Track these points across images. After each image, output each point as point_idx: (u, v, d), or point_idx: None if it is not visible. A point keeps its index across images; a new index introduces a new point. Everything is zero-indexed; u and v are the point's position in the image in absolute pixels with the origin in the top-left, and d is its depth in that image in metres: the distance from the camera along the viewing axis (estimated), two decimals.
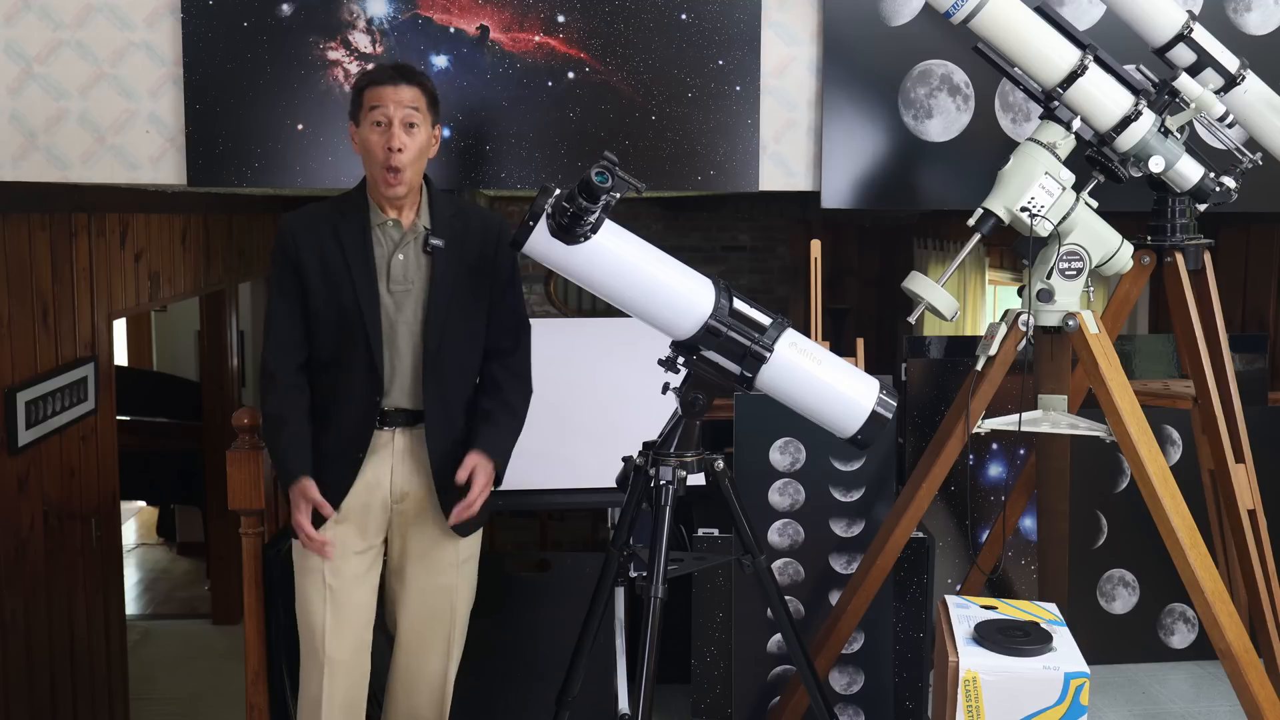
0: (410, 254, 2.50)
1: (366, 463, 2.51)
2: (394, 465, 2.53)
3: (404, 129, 2.43)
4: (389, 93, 2.43)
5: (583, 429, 3.10)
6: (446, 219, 2.54)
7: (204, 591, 7.31)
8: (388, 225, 2.50)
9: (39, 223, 4.19)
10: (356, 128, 2.49)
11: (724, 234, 9.07)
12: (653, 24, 3.28)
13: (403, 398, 2.52)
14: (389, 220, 2.50)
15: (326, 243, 2.48)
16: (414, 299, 2.50)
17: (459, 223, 2.54)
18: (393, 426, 2.52)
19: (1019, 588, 3.67)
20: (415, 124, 2.45)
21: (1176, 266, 2.96)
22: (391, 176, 2.43)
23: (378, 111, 2.43)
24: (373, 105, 2.43)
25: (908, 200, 3.48)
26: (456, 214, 2.56)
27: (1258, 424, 3.38)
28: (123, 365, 8.44)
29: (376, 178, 2.46)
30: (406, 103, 2.44)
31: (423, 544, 2.58)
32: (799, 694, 2.98)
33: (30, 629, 4.20)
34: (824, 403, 2.37)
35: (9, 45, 3.17)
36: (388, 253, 2.49)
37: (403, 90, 2.44)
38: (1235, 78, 2.96)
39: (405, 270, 2.50)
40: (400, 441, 2.53)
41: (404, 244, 2.50)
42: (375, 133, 2.43)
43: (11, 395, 4.01)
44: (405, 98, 2.44)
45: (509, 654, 3.16)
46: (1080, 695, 2.13)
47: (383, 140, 2.43)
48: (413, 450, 2.54)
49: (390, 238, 2.50)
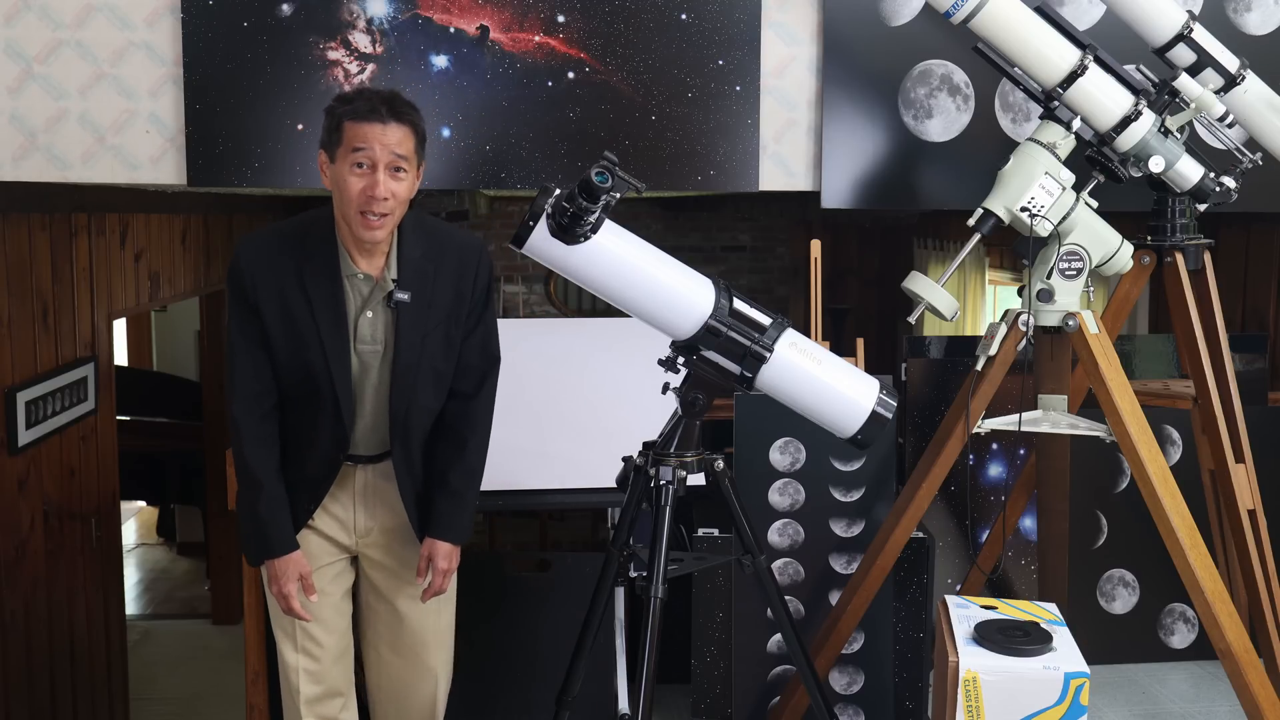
0: (378, 310, 2.32)
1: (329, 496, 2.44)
2: (356, 502, 2.47)
3: (390, 174, 2.20)
4: (376, 133, 2.18)
5: (583, 429, 3.10)
6: (416, 262, 2.32)
7: (204, 591, 7.31)
8: (358, 279, 2.30)
9: (39, 223, 4.19)
10: (330, 161, 2.23)
11: (724, 234, 9.07)
12: (653, 24, 3.28)
13: (365, 447, 2.43)
14: (359, 274, 2.29)
15: (290, 291, 2.25)
16: (380, 359, 2.35)
17: (429, 265, 2.34)
18: (354, 464, 2.43)
19: (1019, 588, 3.68)
20: (403, 169, 2.22)
21: (1176, 266, 2.96)
22: (373, 219, 2.21)
23: (361, 154, 2.18)
24: (356, 146, 2.18)
25: (908, 200, 3.47)
26: (426, 253, 2.34)
27: (1258, 424, 3.38)
28: (123, 365, 8.44)
29: (350, 219, 2.21)
30: (394, 146, 2.19)
31: (394, 572, 2.52)
32: (799, 694, 2.98)
33: (30, 629, 4.20)
34: (824, 403, 2.37)
35: (9, 45, 3.17)
36: (356, 310, 2.31)
37: (391, 131, 2.19)
38: (1235, 78, 2.96)
39: (374, 330, 2.32)
40: (360, 478, 2.45)
41: (372, 300, 2.31)
42: (355, 175, 2.19)
43: (11, 395, 4.01)
44: (393, 140, 2.19)
45: (509, 654, 3.16)
46: (1080, 695, 2.13)
47: (363, 185, 2.19)
48: (375, 486, 2.47)
49: (359, 292, 2.31)
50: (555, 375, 3.13)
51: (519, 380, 3.12)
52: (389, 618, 2.55)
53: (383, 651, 2.57)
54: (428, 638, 2.56)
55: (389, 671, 2.58)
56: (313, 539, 2.46)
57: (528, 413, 3.09)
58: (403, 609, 2.54)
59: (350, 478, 2.45)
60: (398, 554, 2.52)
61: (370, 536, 2.50)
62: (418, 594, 2.51)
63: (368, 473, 2.46)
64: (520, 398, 3.04)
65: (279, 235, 2.34)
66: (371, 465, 2.46)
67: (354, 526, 2.48)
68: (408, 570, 2.52)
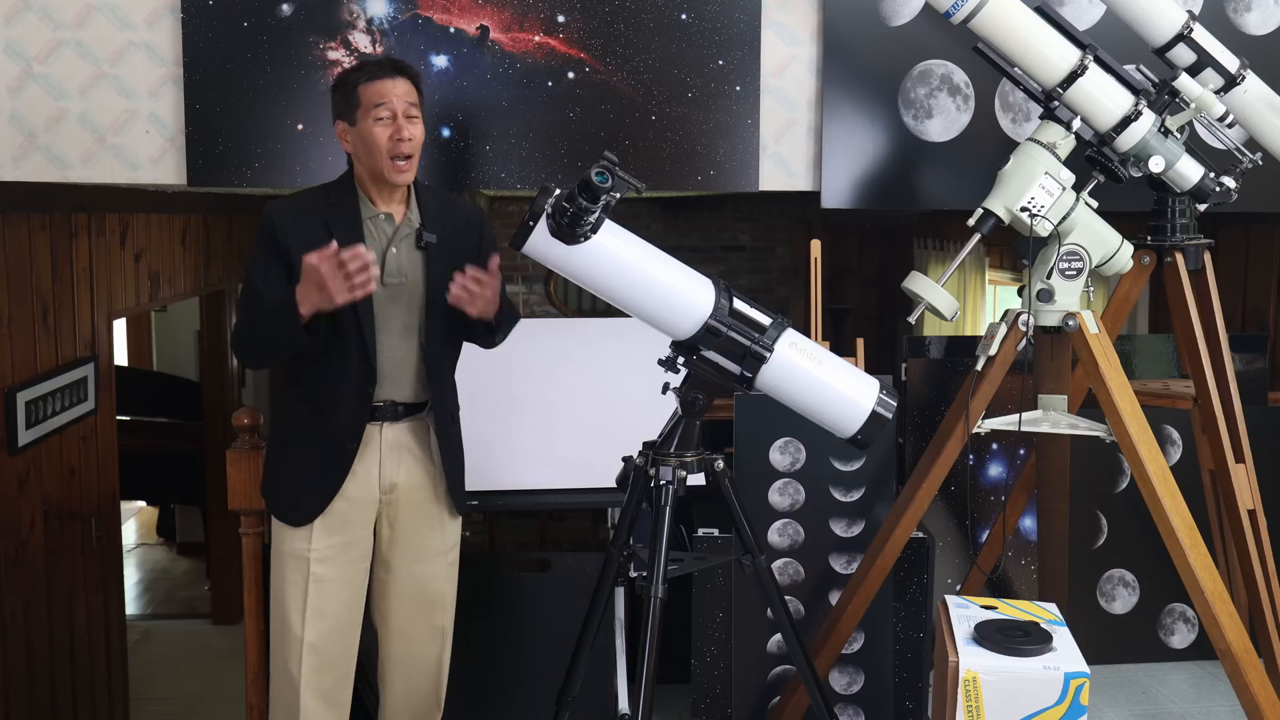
0: (404, 249, 2.52)
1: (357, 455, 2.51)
2: (382, 458, 2.54)
3: (408, 120, 2.46)
4: (389, 87, 2.45)
5: (583, 429, 3.10)
6: (434, 213, 2.56)
7: (204, 591, 7.31)
8: (380, 219, 2.51)
9: (39, 223, 4.19)
10: (351, 125, 2.48)
11: (724, 234, 9.07)
12: (653, 24, 3.28)
13: (394, 390, 2.53)
14: (381, 214, 2.51)
15: (316, 234, 2.44)
16: (407, 294, 2.51)
17: (445, 216, 2.57)
18: (380, 420, 2.53)
19: (1019, 588, 3.68)
20: (415, 116, 2.48)
21: (1176, 266, 2.96)
22: (403, 163, 2.45)
23: (383, 107, 2.43)
24: (377, 101, 2.44)
25: (908, 200, 3.48)
26: (441, 207, 2.59)
27: (1258, 424, 3.38)
28: (123, 365, 8.44)
29: (381, 167, 2.45)
30: (405, 95, 2.46)
31: (411, 533, 2.59)
32: (799, 694, 2.98)
33: (30, 629, 4.20)
34: (824, 403, 2.37)
35: (9, 45, 3.17)
36: (382, 246, 2.50)
37: (400, 83, 2.47)
38: (1235, 78, 2.96)
39: (399, 264, 2.51)
40: (389, 435, 2.55)
41: (398, 238, 2.51)
42: (380, 126, 2.44)
43: (11, 395, 4.01)
44: (403, 90, 2.47)
45: (509, 654, 3.16)
46: (1080, 695, 2.13)
47: (390, 132, 2.44)
48: (401, 442, 2.56)
49: (384, 231, 2.51)
50: (555, 375, 3.13)
51: (519, 380, 3.12)
52: (405, 582, 2.61)
53: (395, 617, 2.63)
54: (439, 600, 2.64)
55: (402, 636, 2.64)
56: (339, 507, 2.51)
57: (528, 413, 3.10)
58: (419, 571, 2.61)
59: (375, 435, 2.53)
60: (420, 510, 2.59)
61: (394, 493, 2.56)
62: (435, 556, 2.61)
63: (395, 429, 2.55)
64: (520, 398, 3.05)
65: (306, 193, 2.59)
66: (398, 423, 2.55)
67: (379, 481, 2.54)
68: (426, 532, 2.60)
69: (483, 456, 3.03)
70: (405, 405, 2.55)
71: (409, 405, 2.56)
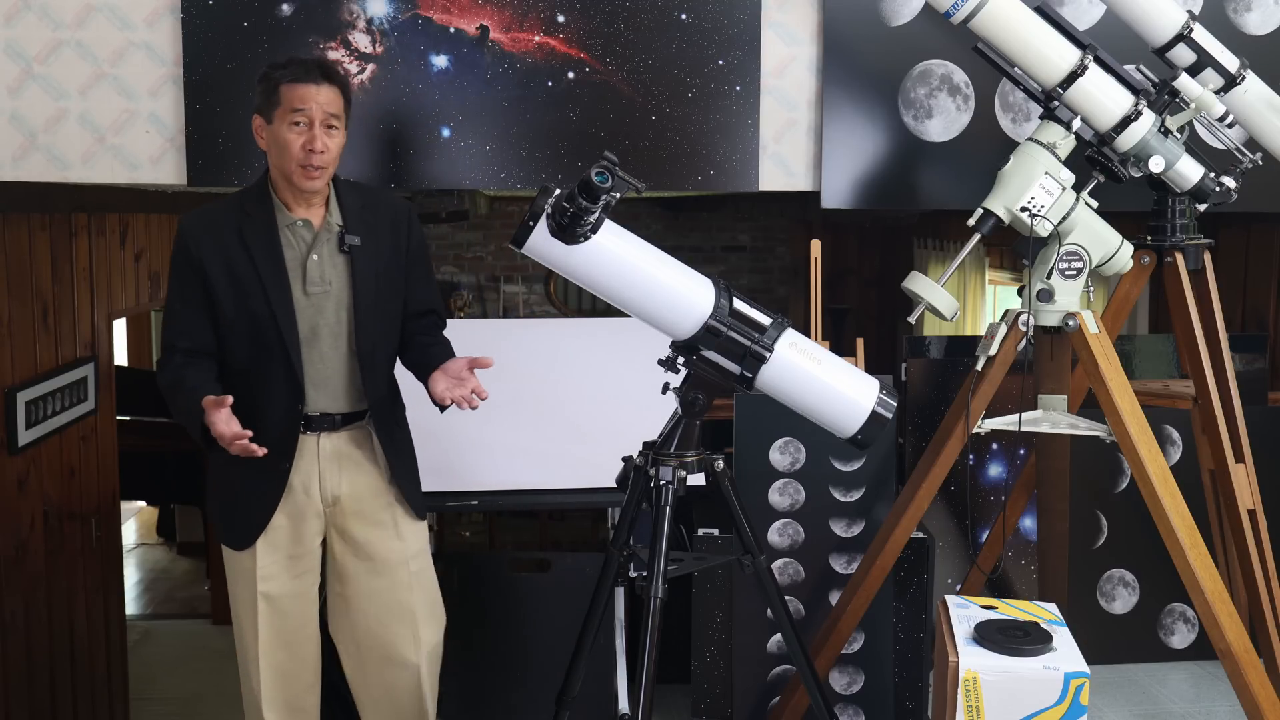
0: (325, 254, 2.43)
1: (293, 470, 2.45)
2: (321, 469, 2.47)
3: (324, 130, 2.37)
4: (311, 92, 2.36)
5: (583, 429, 3.10)
6: (357, 213, 2.47)
7: (204, 591, 7.30)
8: (297, 225, 2.43)
9: (39, 223, 4.19)
10: (267, 123, 2.39)
11: (724, 234, 9.07)
12: (653, 24, 3.28)
13: (328, 402, 2.46)
14: (298, 220, 2.43)
15: (231, 246, 2.39)
16: (334, 300, 2.44)
17: (369, 215, 2.49)
18: (317, 430, 2.46)
19: (1019, 588, 3.68)
20: (334, 126, 2.40)
21: (1176, 266, 2.96)
22: (312, 171, 2.36)
23: (299, 113, 2.35)
24: (295, 106, 2.35)
25: (908, 200, 3.47)
26: (365, 206, 2.50)
27: (1258, 424, 3.38)
28: (123, 365, 8.44)
29: (290, 172, 2.37)
30: (326, 105, 2.37)
31: (363, 545, 2.51)
32: (799, 694, 2.98)
33: (30, 629, 4.20)
34: (824, 403, 2.37)
35: (9, 45, 3.17)
36: (301, 254, 2.42)
37: (324, 90, 2.37)
38: (1235, 78, 2.96)
39: (322, 271, 2.43)
40: (326, 445, 2.47)
41: (318, 244, 2.43)
42: (294, 132, 2.35)
43: (11, 395, 4.01)
44: (325, 99, 2.37)
45: (509, 654, 3.16)
46: (1080, 695, 2.13)
47: (302, 140, 2.35)
48: (340, 452, 2.49)
49: (302, 238, 2.43)
50: (555, 375, 3.13)
51: (519, 380, 3.12)
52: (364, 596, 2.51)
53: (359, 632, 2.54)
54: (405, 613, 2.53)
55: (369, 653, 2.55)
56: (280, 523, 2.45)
57: (528, 413, 3.10)
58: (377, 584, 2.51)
59: (313, 447, 2.46)
60: (369, 520, 2.51)
61: (338, 505, 2.49)
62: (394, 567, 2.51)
63: (334, 439, 2.47)
64: (520, 398, 3.05)
65: (220, 203, 2.50)
66: (337, 433, 2.47)
67: (321, 494, 2.47)
68: (379, 542, 2.51)
69: (483, 456, 3.03)
70: (343, 415, 2.48)
71: (347, 415, 2.48)
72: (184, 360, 2.41)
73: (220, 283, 2.39)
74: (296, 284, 2.41)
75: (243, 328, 2.40)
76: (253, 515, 2.44)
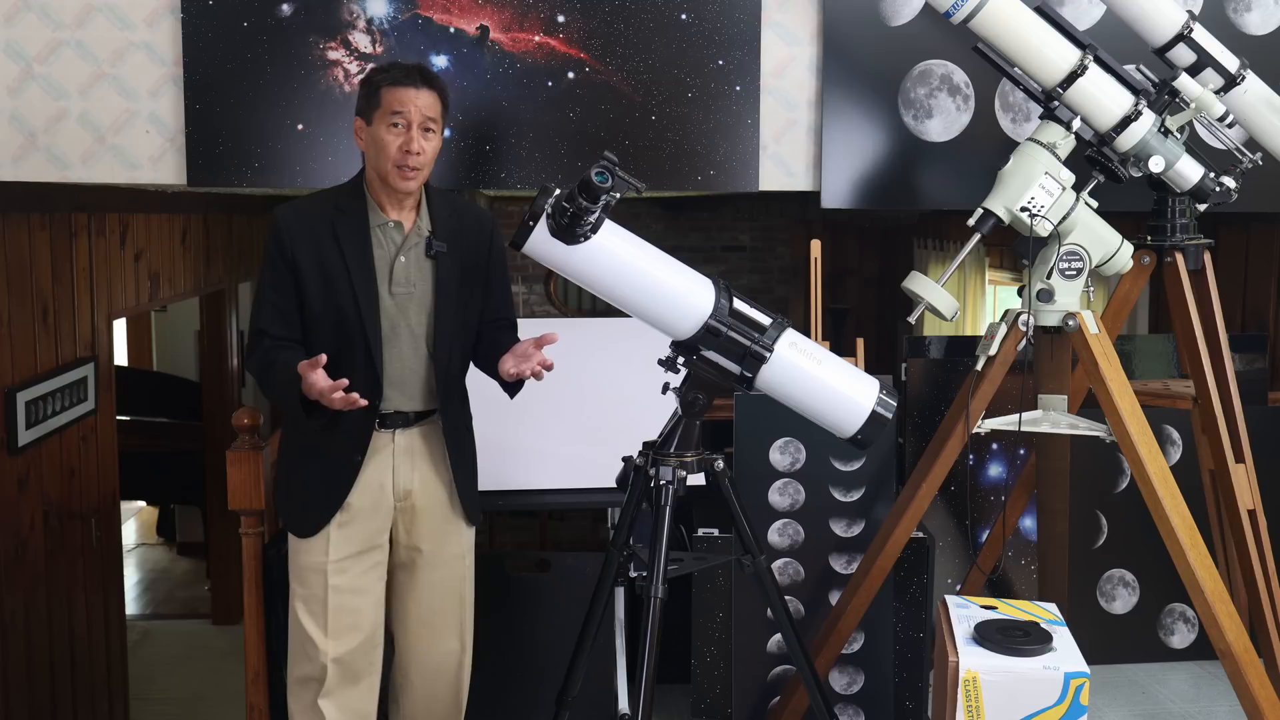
0: (413, 257, 2.50)
1: (366, 464, 2.50)
2: (395, 465, 2.53)
3: (421, 133, 2.44)
4: (411, 95, 2.43)
5: (583, 429, 3.10)
6: (445, 220, 2.54)
7: (204, 591, 7.31)
8: (389, 227, 2.50)
9: (39, 223, 4.19)
10: (367, 124, 2.47)
11: (724, 234, 9.07)
12: (653, 24, 3.28)
13: (403, 400, 2.52)
14: (390, 222, 2.50)
15: (324, 241, 2.45)
16: (416, 302, 2.50)
17: (455, 223, 2.55)
18: (391, 428, 2.52)
19: (1019, 588, 3.67)
20: (432, 129, 2.46)
21: (1176, 266, 2.96)
22: (408, 172, 2.43)
23: (399, 115, 2.42)
24: (395, 109, 2.42)
25: (908, 200, 3.47)
26: (452, 214, 2.57)
27: (1258, 424, 3.38)
28: (123, 365, 8.44)
29: (387, 172, 2.44)
30: (425, 108, 2.44)
31: (429, 539, 2.59)
32: (799, 694, 2.98)
33: (30, 629, 4.20)
34: (824, 403, 2.37)
35: (9, 45, 3.17)
36: (390, 255, 2.48)
37: (424, 94, 2.44)
38: (1235, 78, 2.96)
39: (408, 273, 2.49)
40: (400, 441, 2.53)
41: (406, 247, 2.50)
42: (392, 134, 2.42)
43: (11, 395, 4.01)
44: (425, 103, 2.44)
45: (509, 654, 3.16)
46: (1080, 695, 2.13)
47: (400, 142, 2.42)
48: (413, 449, 2.55)
49: (392, 240, 2.49)
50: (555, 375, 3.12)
51: None
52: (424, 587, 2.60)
53: (415, 622, 2.62)
54: (459, 604, 2.64)
55: (422, 640, 2.63)
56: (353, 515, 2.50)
57: (528, 413, 3.09)
58: (437, 577, 2.60)
59: (387, 442, 2.52)
60: (436, 516, 2.58)
61: (409, 499, 2.55)
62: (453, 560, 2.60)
63: (408, 436, 2.54)
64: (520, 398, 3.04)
65: (315, 197, 2.57)
66: (409, 429, 2.53)
67: (393, 488, 2.53)
68: (443, 537, 2.59)
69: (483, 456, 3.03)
70: (415, 414, 2.54)
71: (419, 414, 2.55)
72: (273, 344, 2.46)
73: (310, 275, 2.45)
74: (383, 283, 2.47)
75: (328, 321, 2.46)
76: (323, 503, 2.49)
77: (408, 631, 2.63)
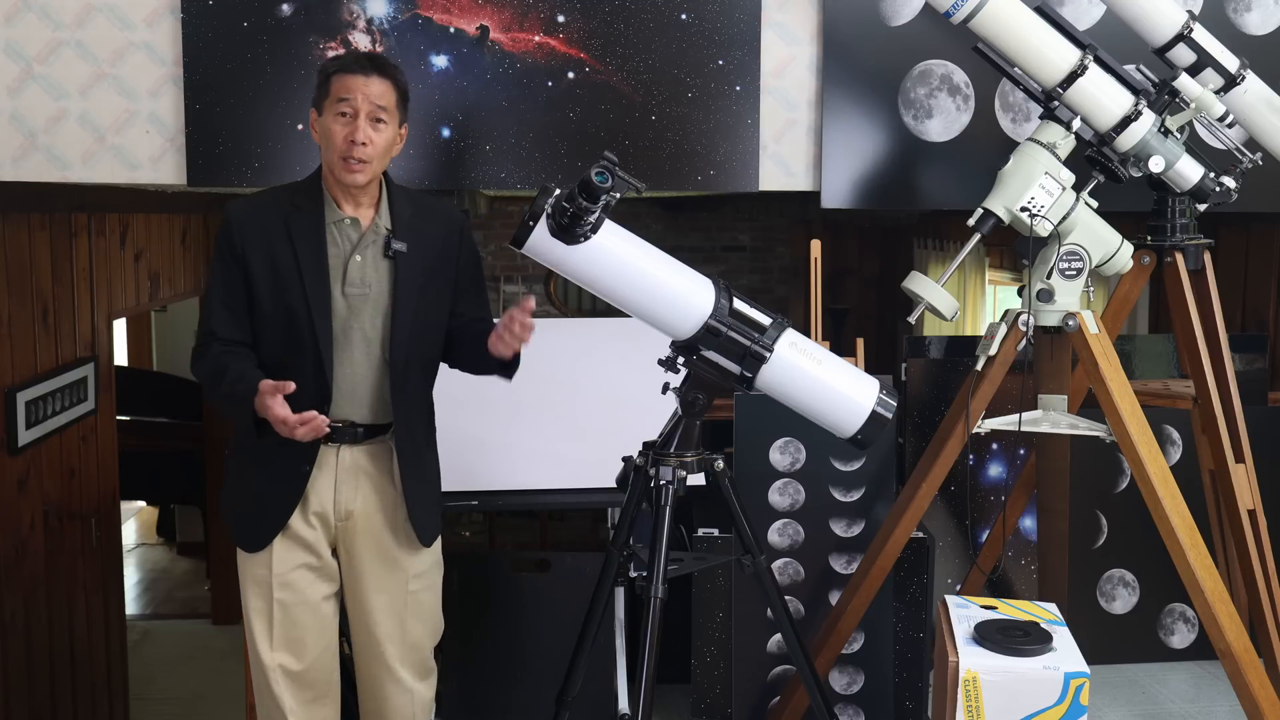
0: (369, 256, 2.38)
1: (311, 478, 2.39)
2: (338, 482, 2.42)
3: (370, 123, 2.33)
4: (358, 83, 2.32)
5: (583, 429, 3.10)
6: (406, 219, 2.42)
7: (204, 591, 7.31)
8: (345, 224, 2.38)
9: (39, 223, 4.19)
10: (319, 115, 2.37)
11: (724, 234, 9.07)
12: (653, 24, 3.28)
13: (352, 409, 2.39)
14: (346, 218, 2.38)
15: (276, 238, 2.35)
16: (372, 304, 2.38)
17: (419, 221, 2.44)
18: (337, 442, 2.39)
19: (1019, 588, 3.67)
20: (382, 120, 2.35)
21: (1176, 266, 2.96)
22: (354, 164, 2.32)
23: (345, 103, 2.32)
24: (341, 96, 2.32)
25: (908, 200, 3.47)
26: (416, 212, 2.45)
27: (1258, 424, 3.38)
28: (123, 365, 8.44)
29: (333, 165, 2.34)
30: (375, 97, 2.33)
31: (368, 563, 2.46)
32: (799, 694, 2.98)
33: (30, 629, 4.20)
34: (824, 403, 2.37)
35: (9, 45, 3.17)
36: (344, 253, 2.37)
37: (373, 82, 2.34)
38: (1235, 78, 2.96)
39: (363, 273, 2.37)
40: (346, 458, 2.41)
41: (363, 245, 2.38)
42: (339, 123, 2.32)
43: (11, 395, 4.01)
44: (374, 91, 2.33)
45: (509, 654, 3.16)
46: (1080, 695, 2.13)
47: (345, 131, 2.31)
48: (359, 466, 2.42)
49: (348, 237, 2.38)
50: (555, 375, 3.13)
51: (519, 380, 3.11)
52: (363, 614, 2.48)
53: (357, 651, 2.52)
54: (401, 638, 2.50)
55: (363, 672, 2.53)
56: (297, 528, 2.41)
57: (528, 413, 3.10)
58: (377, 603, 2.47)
59: (332, 459, 2.40)
60: (375, 541, 2.45)
61: (350, 521, 2.43)
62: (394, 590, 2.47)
63: (353, 453, 2.42)
64: (520, 398, 3.04)
65: (270, 192, 2.47)
66: (357, 446, 2.41)
67: (334, 508, 2.42)
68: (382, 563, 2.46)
69: (483, 456, 3.03)
70: (365, 427, 2.41)
71: (370, 427, 2.41)
72: (222, 349, 2.36)
73: (260, 273, 2.35)
74: (336, 283, 2.36)
75: (278, 322, 2.35)
76: (269, 517, 2.39)
77: (358, 659, 2.52)
